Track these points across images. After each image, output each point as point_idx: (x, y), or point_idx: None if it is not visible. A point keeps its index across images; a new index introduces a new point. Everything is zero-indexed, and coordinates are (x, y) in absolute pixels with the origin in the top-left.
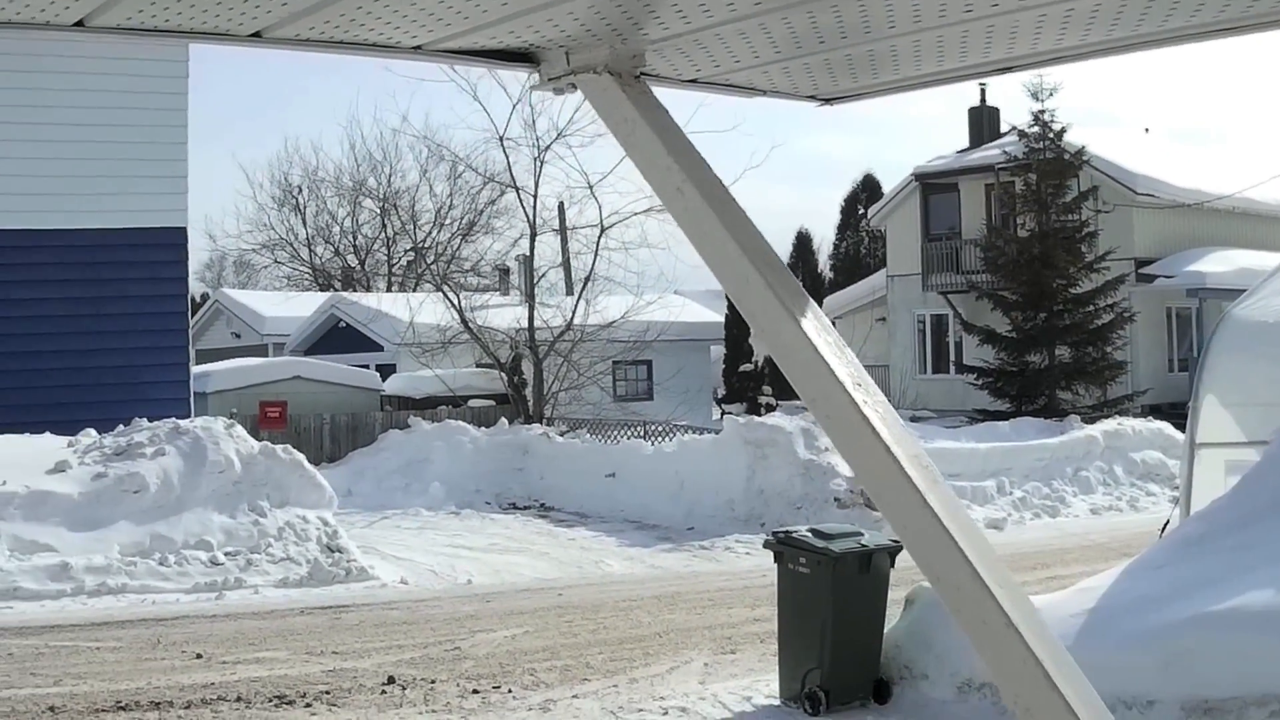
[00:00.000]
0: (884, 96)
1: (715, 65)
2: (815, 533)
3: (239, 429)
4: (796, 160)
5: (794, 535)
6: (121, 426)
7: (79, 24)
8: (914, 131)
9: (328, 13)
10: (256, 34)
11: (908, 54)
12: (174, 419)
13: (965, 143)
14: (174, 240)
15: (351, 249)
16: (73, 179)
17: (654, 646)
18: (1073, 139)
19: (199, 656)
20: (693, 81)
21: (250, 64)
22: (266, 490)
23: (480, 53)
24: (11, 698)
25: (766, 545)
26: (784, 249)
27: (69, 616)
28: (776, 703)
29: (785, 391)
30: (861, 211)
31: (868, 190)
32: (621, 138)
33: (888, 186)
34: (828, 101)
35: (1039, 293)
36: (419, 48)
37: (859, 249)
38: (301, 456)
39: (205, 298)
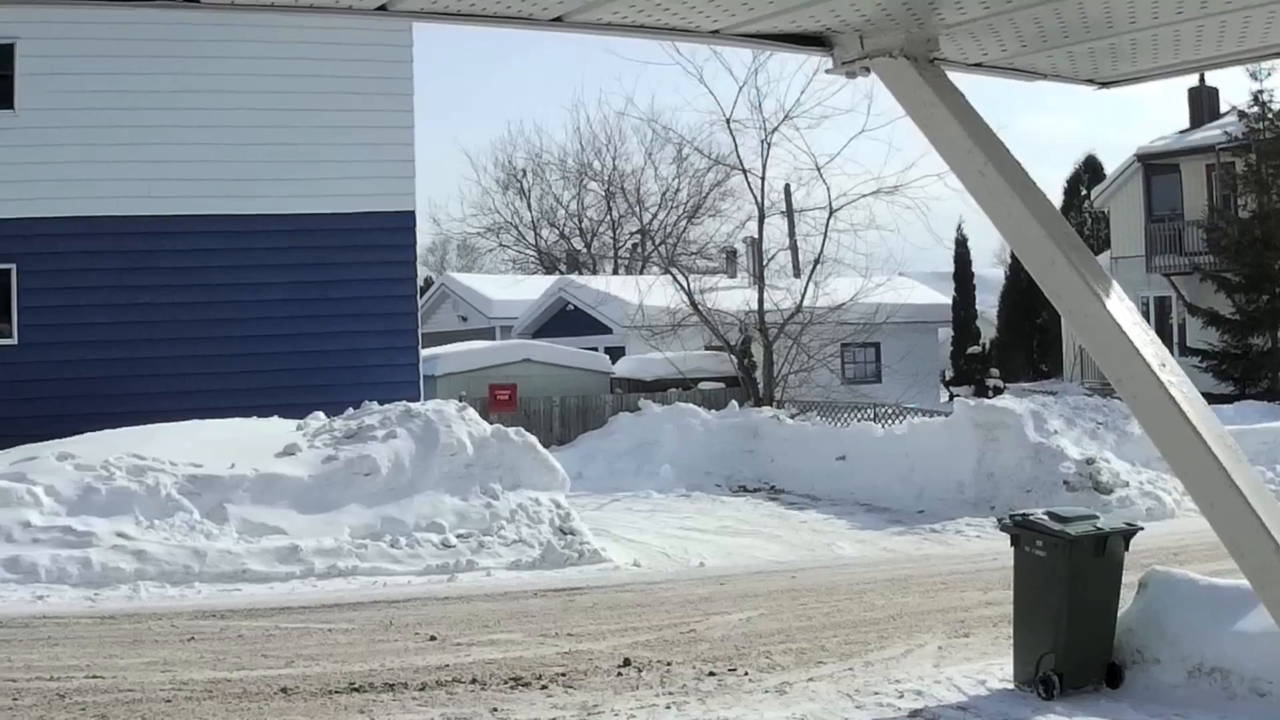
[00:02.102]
0: (1161, 80)
1: (1002, 49)
2: (1051, 515)
3: (471, 411)
4: (1015, 141)
5: (1030, 518)
6: (351, 410)
7: (381, 8)
8: (1132, 112)
9: None
10: (558, 19)
11: (1189, 38)
12: (405, 402)
13: (1183, 123)
14: (402, 224)
15: (577, 232)
16: (302, 164)
17: (888, 629)
18: None
19: (432, 638)
20: (978, 65)
21: (472, 46)
22: (499, 473)
23: (776, 37)
24: (244, 679)
25: (1003, 528)
26: None
27: (298, 599)
28: (1010, 686)
29: (1012, 374)
30: (1084, 193)
31: (1090, 171)
32: (920, 121)
33: (1109, 168)
34: (1105, 85)
35: (1261, 275)
36: (717, 32)
37: (1082, 230)
38: (534, 439)
39: (429, 281)
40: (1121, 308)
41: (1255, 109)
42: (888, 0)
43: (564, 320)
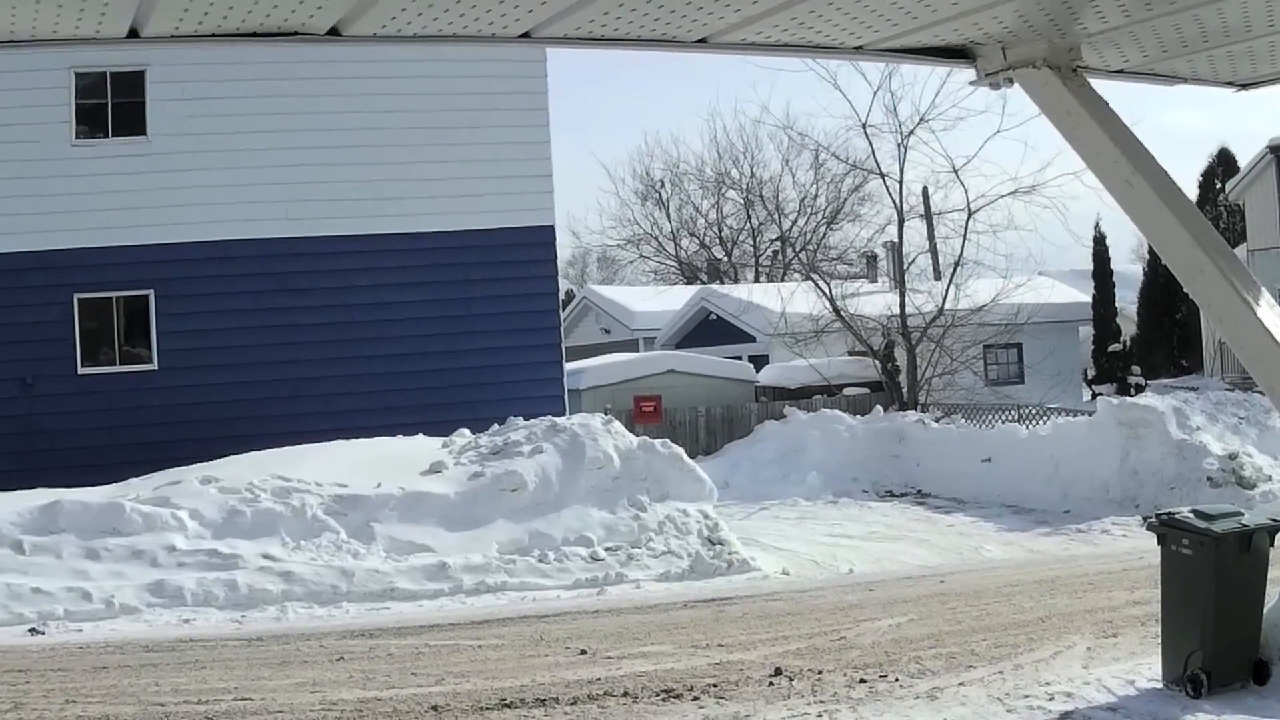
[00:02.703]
0: None
1: (1143, 55)
2: (1197, 514)
3: (617, 424)
4: (1147, 136)
5: (1176, 516)
6: (496, 426)
7: (525, 35)
8: (1263, 103)
9: (778, 18)
10: (702, 40)
11: None
12: (550, 417)
13: None
14: (542, 239)
15: (717, 241)
16: (441, 181)
17: (1036, 631)
18: None
19: (583, 652)
20: (1119, 72)
21: (605, 61)
22: (646, 484)
23: (919, 51)
24: (394, 698)
25: (1150, 527)
26: None
27: (448, 616)
28: (1159, 685)
29: (1153, 370)
30: (1219, 186)
31: (1223, 164)
32: (1065, 131)
33: (1242, 160)
34: (1244, 87)
35: None
36: (860, 48)
37: (1218, 224)
38: (680, 450)
39: (571, 295)
40: (1272, 315)
41: None
42: (1030, 11)
43: (707, 330)
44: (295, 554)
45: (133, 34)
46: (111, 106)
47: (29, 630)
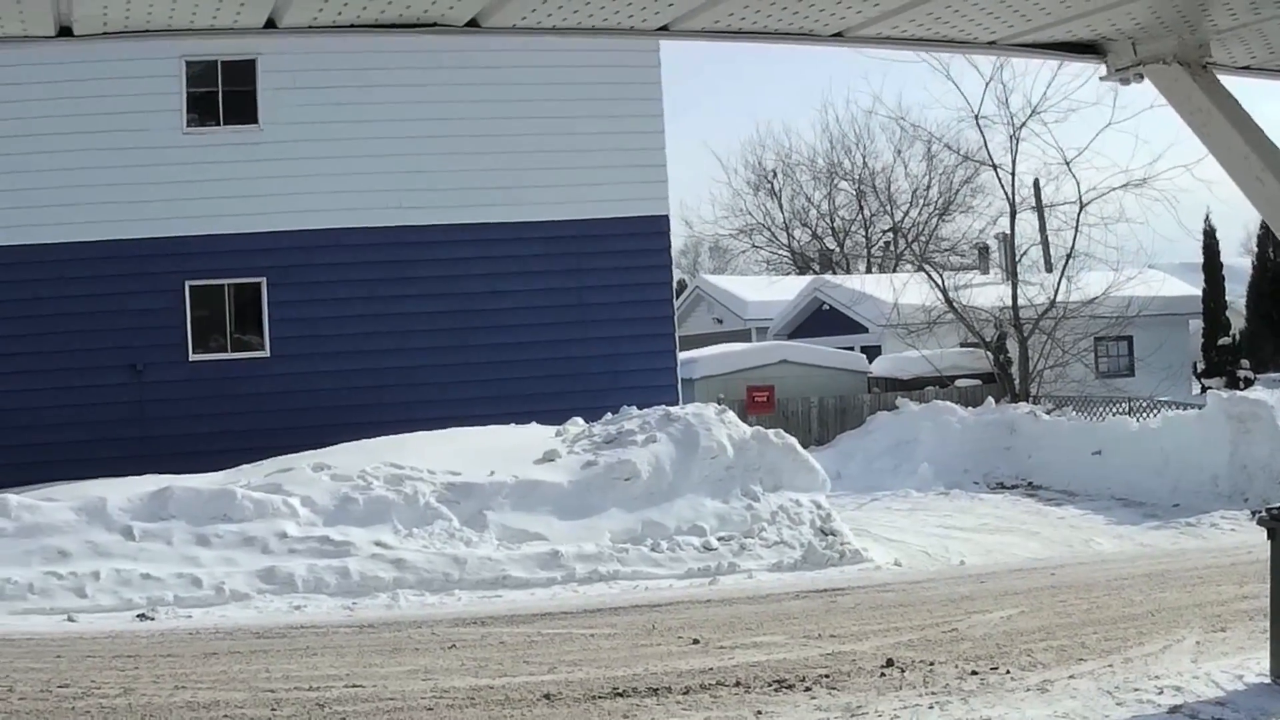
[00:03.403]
0: None
1: (1270, 52)
2: None
3: (730, 414)
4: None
5: None
6: (609, 415)
7: (663, 29)
8: None
9: (914, 12)
10: (839, 34)
11: None
12: (664, 406)
13: None
14: (656, 228)
15: (829, 231)
16: (555, 170)
17: (1146, 625)
18: None
19: (695, 642)
20: (1246, 69)
21: (717, 50)
22: (759, 475)
23: (1051, 46)
24: (506, 685)
25: (1260, 522)
26: None
27: (560, 604)
28: (1267, 681)
29: (1262, 364)
30: None
31: None
32: (1195, 127)
33: None
34: None
35: None
36: (993, 43)
37: None
38: (794, 440)
39: (683, 284)
40: None
41: None
42: (1162, 7)
43: (819, 320)
44: (407, 541)
45: (270, 25)
46: (223, 95)
47: (138, 616)
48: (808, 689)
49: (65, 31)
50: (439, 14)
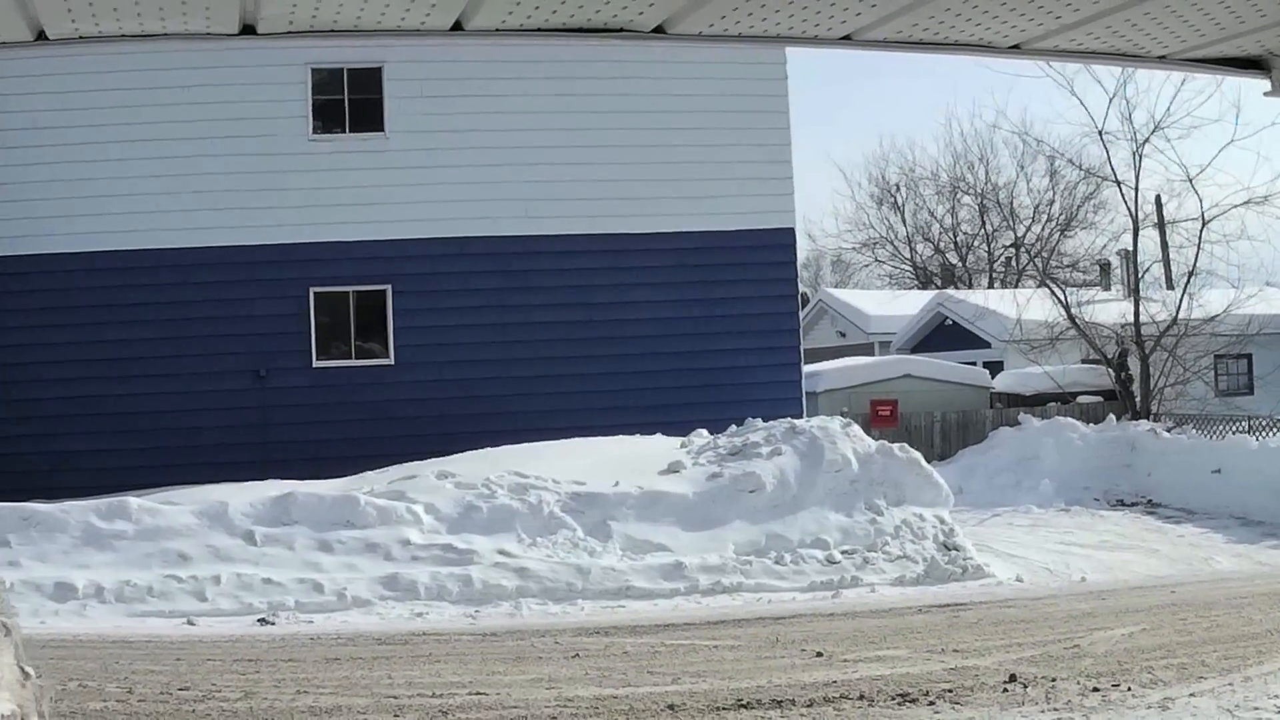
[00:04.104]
0: None
1: None
2: None
3: (855, 428)
4: None
5: None
6: (734, 427)
7: (846, 38)
8: None
9: (1092, 26)
10: (1016, 46)
11: None
12: (789, 419)
13: None
14: (782, 241)
15: (952, 246)
16: (681, 182)
17: (1266, 644)
18: None
19: (819, 655)
20: None
21: (841, 63)
22: (883, 489)
23: (1218, 61)
24: (630, 695)
25: None
26: None
27: (683, 615)
28: None
29: None
30: None
31: None
32: None
33: None
34: None
35: None
36: (1164, 57)
37: None
38: (918, 455)
39: (805, 298)
40: None
41: None
42: None
43: (942, 334)
44: (531, 550)
45: (456, 27)
46: (349, 102)
47: (258, 620)
48: (931, 703)
49: (248, 29)
50: (627, 19)
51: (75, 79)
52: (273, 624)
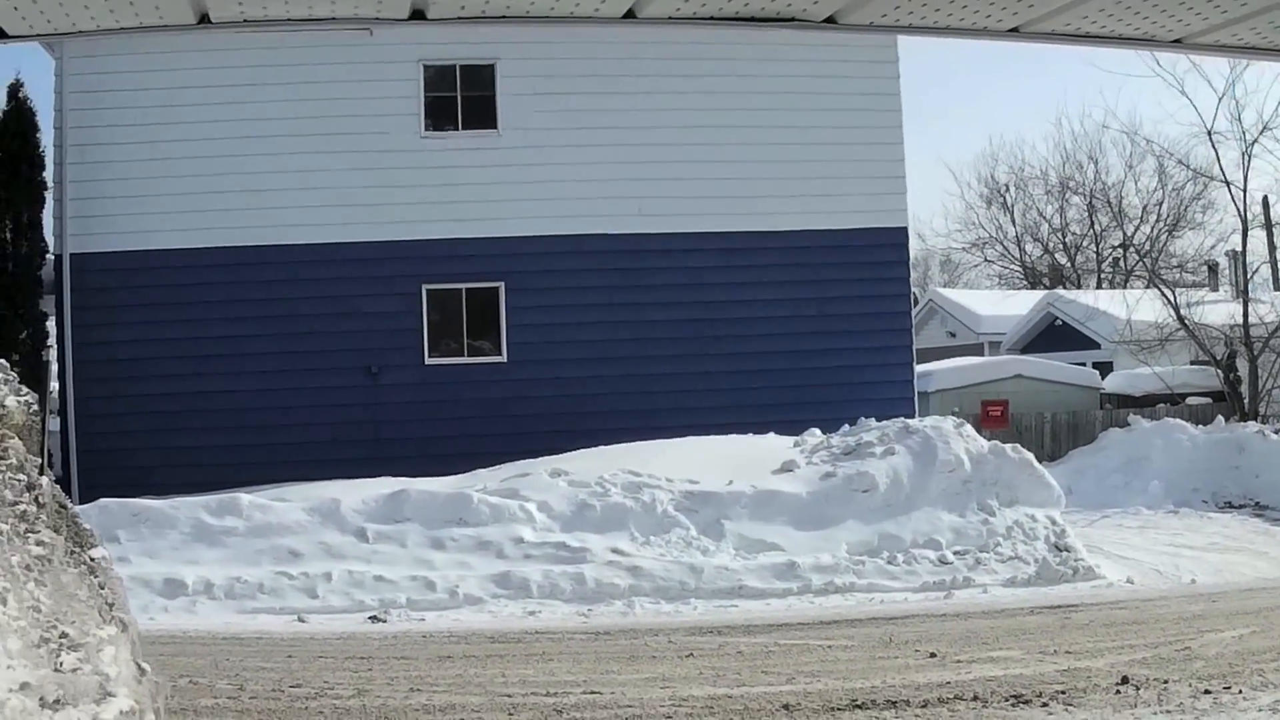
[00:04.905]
0: None
1: None
2: None
3: (968, 428)
4: None
5: None
6: (847, 426)
7: (1014, 30)
8: None
9: (1255, 21)
10: (1178, 40)
11: None
12: (902, 418)
13: None
14: (895, 240)
15: (1060, 246)
16: (794, 180)
17: None
18: None
19: (932, 655)
20: None
21: (950, 62)
22: (995, 489)
23: None
24: (744, 695)
25: None
26: None
27: (796, 615)
28: None
29: None
30: None
31: None
32: None
33: None
34: None
35: None
36: None
37: None
38: (1030, 455)
39: (915, 297)
40: None
41: None
42: None
43: (1052, 335)
44: (644, 549)
45: (629, 15)
46: (461, 99)
47: (369, 618)
48: (1044, 704)
49: (418, 14)
50: (800, 9)
51: (186, 74)
52: (384, 621)
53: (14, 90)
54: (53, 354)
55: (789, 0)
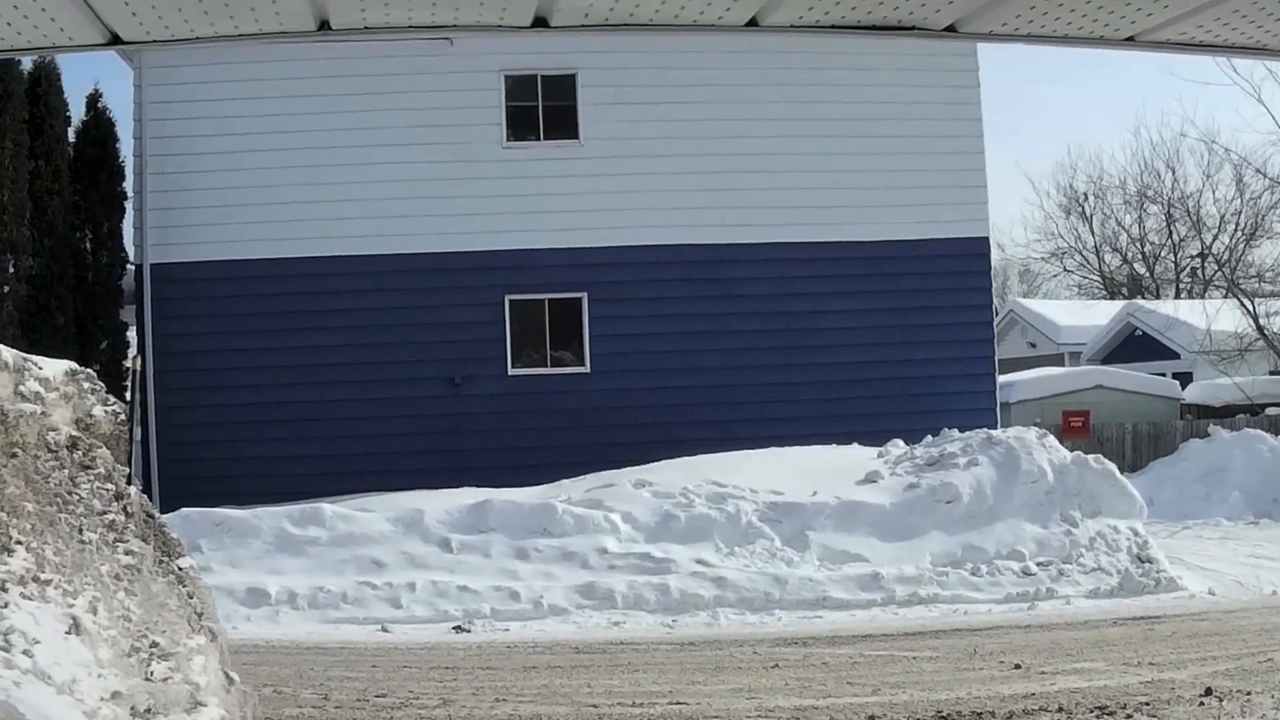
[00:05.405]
0: None
1: None
2: None
3: (1051, 438)
4: None
5: None
6: (930, 437)
7: (1130, 39)
8: None
9: None
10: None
11: None
12: (985, 429)
13: None
14: (977, 250)
15: (1139, 256)
16: (875, 190)
17: None
18: None
19: (1017, 667)
20: None
21: (1029, 70)
22: (1078, 500)
23: None
24: (830, 707)
25: None
26: None
27: (880, 626)
28: None
29: None
30: None
31: None
32: None
33: None
34: None
35: None
36: None
37: None
38: (1113, 466)
39: (995, 308)
40: None
41: None
42: None
43: (1131, 345)
44: (728, 560)
45: (752, 23)
46: (543, 109)
47: (453, 628)
48: (1128, 716)
49: (540, 22)
50: (921, 18)
51: (265, 85)
52: (468, 631)
53: (93, 100)
54: (139, 362)
55: (910, 9)
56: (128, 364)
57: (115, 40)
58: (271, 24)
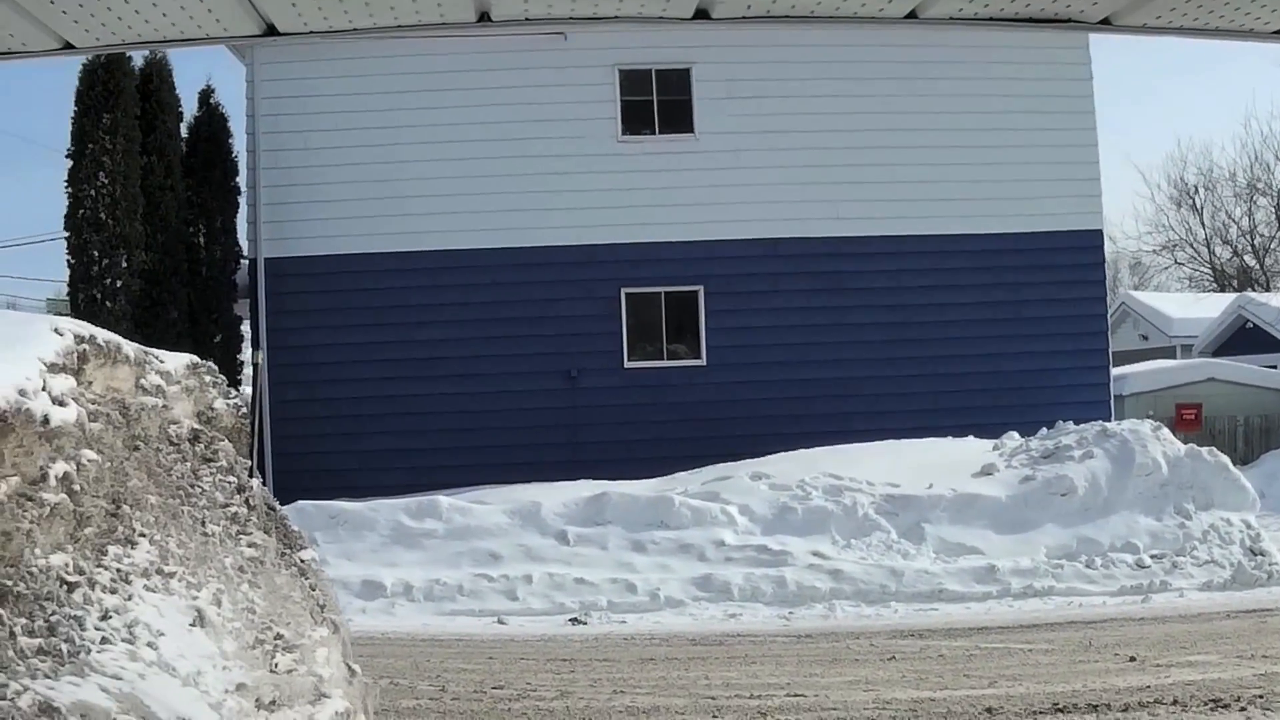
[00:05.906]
0: None
1: None
2: None
3: (1165, 431)
4: None
5: None
6: (1045, 429)
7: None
8: None
9: None
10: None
11: None
12: (1100, 421)
13: None
14: (1090, 243)
15: (1250, 248)
16: (989, 183)
17: None
18: None
19: (1132, 659)
20: None
21: (1139, 64)
22: (1191, 493)
23: None
24: (947, 698)
25: None
26: None
27: (996, 618)
28: None
29: None
30: None
31: None
32: None
33: None
34: None
35: None
36: None
37: None
38: (1226, 459)
39: (1109, 301)
40: None
41: None
42: None
43: (1243, 338)
44: (845, 552)
45: (911, 16)
46: (657, 103)
47: (569, 620)
48: (1243, 709)
49: (702, 14)
50: (1076, 10)
51: (377, 80)
52: (585, 624)
53: (205, 96)
54: (262, 356)
55: (1068, 2)
56: (243, 358)
57: (271, 31)
58: (432, 15)
